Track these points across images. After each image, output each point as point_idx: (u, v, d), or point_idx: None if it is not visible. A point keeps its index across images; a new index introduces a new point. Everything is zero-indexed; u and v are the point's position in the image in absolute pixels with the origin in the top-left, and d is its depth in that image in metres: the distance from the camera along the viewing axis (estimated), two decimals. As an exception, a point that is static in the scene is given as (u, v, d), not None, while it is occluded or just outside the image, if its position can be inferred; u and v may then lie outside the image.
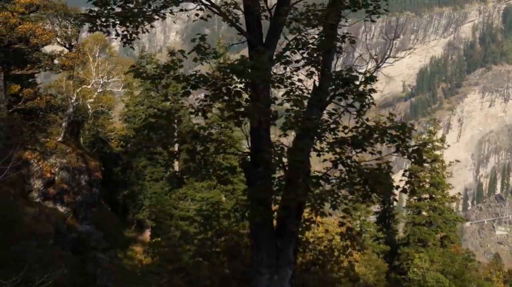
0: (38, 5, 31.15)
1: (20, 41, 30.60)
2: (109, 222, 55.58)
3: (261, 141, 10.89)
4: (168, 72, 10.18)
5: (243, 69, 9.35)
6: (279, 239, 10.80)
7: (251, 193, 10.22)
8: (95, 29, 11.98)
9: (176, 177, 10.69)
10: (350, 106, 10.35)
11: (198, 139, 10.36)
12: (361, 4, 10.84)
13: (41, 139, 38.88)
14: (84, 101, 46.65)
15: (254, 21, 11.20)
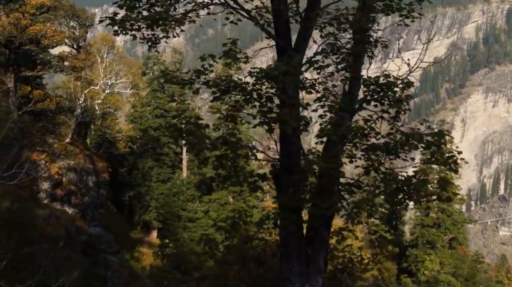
0: (49, 6, 31.02)
1: (30, 43, 30.48)
2: (116, 223, 55.54)
3: (291, 148, 10.70)
4: (199, 77, 9.99)
5: (278, 75, 9.16)
6: (310, 247, 10.60)
7: (284, 201, 10.01)
8: (120, 33, 11.79)
9: (205, 184, 10.50)
10: (385, 112, 10.13)
11: (228, 145, 10.17)
12: (395, 8, 10.66)
13: (49, 140, 38.77)
14: (92, 102, 46.49)
15: (283, 25, 11.02)
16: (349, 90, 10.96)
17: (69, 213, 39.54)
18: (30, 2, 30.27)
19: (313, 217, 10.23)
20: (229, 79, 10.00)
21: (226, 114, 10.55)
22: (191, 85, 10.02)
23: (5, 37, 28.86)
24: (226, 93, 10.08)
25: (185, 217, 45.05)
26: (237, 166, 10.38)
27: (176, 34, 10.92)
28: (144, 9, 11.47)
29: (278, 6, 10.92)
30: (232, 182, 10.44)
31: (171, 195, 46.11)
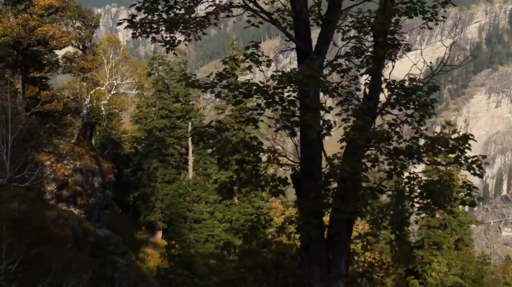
0: (57, 7, 30.97)
1: (38, 44, 30.43)
2: (121, 224, 55.48)
3: (312, 152, 10.60)
4: (221, 80, 9.90)
5: (302, 78, 9.06)
6: (331, 252, 10.51)
7: (306, 205, 9.91)
8: (138, 35, 11.72)
9: (226, 188, 10.41)
10: (409, 117, 10.03)
11: (250, 149, 10.08)
12: (418, 11, 10.56)
13: (55, 141, 38.73)
14: (98, 103, 46.43)
15: (304, 28, 10.93)
16: (370, 94, 10.86)
17: (75, 214, 39.52)
18: (38, 3, 30.22)
19: (336, 221, 10.13)
20: (250, 83, 9.90)
21: (247, 118, 10.45)
22: (213, 89, 9.93)
23: (14, 38, 28.80)
24: (248, 96, 9.98)
25: (191, 218, 44.94)
26: (258, 170, 10.29)
27: (198, 37, 10.85)
28: (162, 11, 11.39)
29: (299, 9, 10.83)
30: (253, 186, 10.35)
31: (177, 196, 46.02)
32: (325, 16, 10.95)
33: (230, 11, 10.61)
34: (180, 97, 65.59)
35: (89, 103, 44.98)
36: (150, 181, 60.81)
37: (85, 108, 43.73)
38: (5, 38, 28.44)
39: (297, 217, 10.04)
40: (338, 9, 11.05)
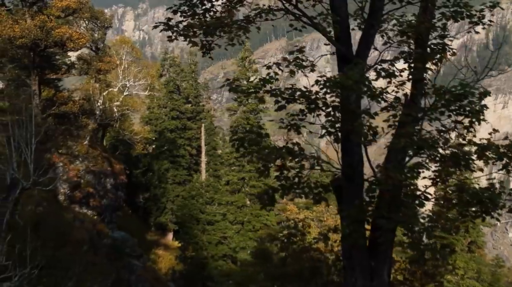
0: (74, 9, 30.88)
1: (55, 45, 30.35)
2: (131, 225, 55.38)
3: (354, 158, 10.41)
4: (264, 85, 9.72)
5: (352, 83, 8.87)
6: (373, 260, 10.31)
7: (353, 214, 9.71)
8: (174, 39, 11.56)
9: (267, 195, 10.23)
10: (458, 123, 9.82)
11: (293, 155, 9.90)
12: (465, 14, 10.36)
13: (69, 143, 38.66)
14: (111, 104, 46.36)
15: (344, 32, 10.75)
16: (412, 99, 10.65)
17: (90, 216, 39.47)
18: (55, 4, 30.15)
19: (380, 229, 9.92)
20: (294, 88, 9.72)
21: (289, 124, 10.26)
22: (256, 94, 9.75)
23: (31, 40, 28.71)
24: (291, 102, 9.81)
25: (204, 220, 44.81)
26: (301, 177, 10.10)
27: (241, 41, 10.67)
28: (198, 14, 11.24)
29: (340, 13, 10.65)
30: (297, 193, 10.16)
31: (189, 198, 45.88)
32: (367, 20, 10.76)
33: (274, 15, 10.44)
34: (190, 98, 65.58)
35: (101, 105, 44.93)
36: (161, 182, 60.73)
37: (98, 110, 43.67)
38: (23, 39, 28.35)
39: (343, 225, 9.83)
40: (380, 13, 10.87)
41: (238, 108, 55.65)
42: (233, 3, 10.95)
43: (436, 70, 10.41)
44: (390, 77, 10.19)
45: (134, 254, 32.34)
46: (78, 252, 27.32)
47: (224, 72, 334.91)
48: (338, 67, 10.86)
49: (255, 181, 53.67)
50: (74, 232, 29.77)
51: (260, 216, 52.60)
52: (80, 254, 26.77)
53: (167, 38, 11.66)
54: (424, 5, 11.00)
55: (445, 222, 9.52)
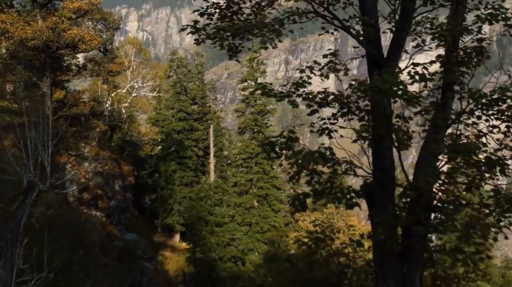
0: (86, 10, 30.78)
1: (67, 47, 30.24)
2: (138, 227, 55.34)
3: (385, 163, 10.27)
4: (297, 89, 9.59)
5: (389, 88, 8.73)
6: (405, 266, 10.17)
7: (388, 219, 9.56)
8: (201, 41, 11.44)
9: (298, 200, 10.08)
10: (495, 127, 9.68)
11: (326, 160, 9.75)
12: (500, 17, 10.21)
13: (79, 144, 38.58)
14: (119, 105, 46.32)
15: (375, 35, 10.60)
16: (443, 103, 10.51)
17: (100, 218, 39.39)
18: (67, 6, 30.04)
19: (414, 235, 9.78)
20: (327, 92, 9.58)
21: (320, 128, 10.12)
22: (289, 98, 9.61)
23: (43, 42, 28.61)
24: (323, 106, 9.67)
25: (212, 222, 44.68)
26: (334, 182, 9.95)
27: (274, 45, 10.53)
28: (226, 17, 11.12)
29: (370, 16, 10.52)
30: (329, 198, 10.01)
31: (198, 199, 45.75)
32: (398, 22, 10.62)
33: (308, 18, 10.30)
34: (196, 99, 65.46)
35: (110, 106, 44.90)
36: (168, 184, 60.66)
37: (106, 111, 43.64)
38: (35, 41, 28.26)
39: (376, 231, 9.65)
40: (412, 16, 10.74)
41: (245, 109, 55.46)
42: (261, 6, 10.81)
43: (471, 74, 10.26)
44: (425, 81, 10.04)
45: (146, 256, 32.20)
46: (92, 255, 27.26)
47: (228, 73, 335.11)
48: (368, 71, 10.73)
49: (263, 183, 53.50)
50: (87, 234, 29.69)
51: (268, 217, 52.40)
52: (95, 257, 26.71)
53: (194, 41, 11.53)
54: (454, 7, 10.87)
55: (482, 228, 9.37)
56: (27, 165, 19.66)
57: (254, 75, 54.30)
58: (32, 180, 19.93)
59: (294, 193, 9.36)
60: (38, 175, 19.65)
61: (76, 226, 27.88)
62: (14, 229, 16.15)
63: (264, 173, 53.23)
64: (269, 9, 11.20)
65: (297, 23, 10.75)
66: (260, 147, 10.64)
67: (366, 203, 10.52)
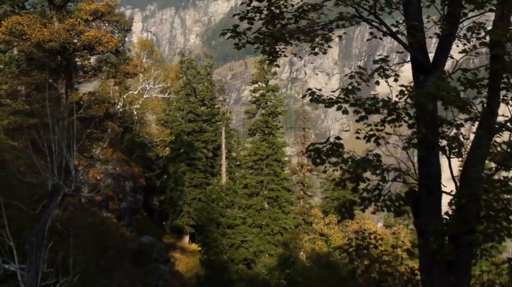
0: (102, 12, 30.68)
1: (83, 49, 30.15)
2: (148, 228, 55.31)
3: (432, 169, 10.11)
4: (347, 95, 9.44)
5: (446, 94, 8.58)
6: (453, 275, 10.00)
7: (440, 227, 9.41)
8: (242, 46, 11.31)
9: (345, 207, 9.93)
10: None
11: (374, 167, 9.58)
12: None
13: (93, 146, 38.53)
14: (131, 107, 46.20)
15: (417, 41, 10.44)
16: (489, 108, 10.34)
17: (111, 220, 39.32)
18: (84, 7, 29.95)
19: (469, 244, 9.62)
20: (375, 98, 9.43)
21: (367, 135, 9.96)
22: (340, 105, 9.46)
23: (60, 44, 28.52)
24: (372, 112, 9.52)
25: (224, 223, 44.59)
26: (381, 189, 9.80)
27: (324, 51, 10.39)
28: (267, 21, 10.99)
29: (415, 21, 10.37)
30: (376, 206, 9.85)
31: (209, 201, 45.68)
32: (445, 28, 10.46)
33: (358, 23, 10.16)
34: (205, 100, 65.38)
35: (121, 108, 44.81)
36: (178, 185, 60.54)
37: (118, 113, 43.54)
38: (52, 43, 28.16)
39: (428, 241, 9.47)
40: (458, 20, 10.58)
41: (256, 111, 55.34)
42: (304, 10, 10.66)
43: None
44: (476, 87, 9.87)
45: (161, 259, 32.03)
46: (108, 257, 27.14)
47: (232, 74, 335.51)
48: (413, 76, 10.56)
49: (274, 184, 53.41)
50: (104, 237, 29.58)
51: (278, 219, 52.29)
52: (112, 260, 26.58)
53: (234, 45, 11.40)
54: (500, 12, 10.70)
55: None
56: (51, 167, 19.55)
57: (265, 76, 54.19)
58: (57, 183, 19.82)
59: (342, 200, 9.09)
60: (62, 178, 19.55)
61: (93, 229, 27.76)
62: (39, 232, 16.01)
63: (275, 175, 53.17)
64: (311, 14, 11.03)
65: (341, 28, 10.59)
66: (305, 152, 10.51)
67: (411, 210, 10.35)
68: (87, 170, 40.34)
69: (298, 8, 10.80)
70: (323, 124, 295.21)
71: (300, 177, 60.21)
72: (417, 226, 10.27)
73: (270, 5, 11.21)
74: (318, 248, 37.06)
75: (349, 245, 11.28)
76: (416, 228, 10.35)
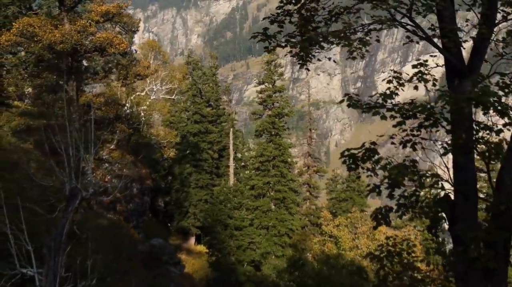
0: (114, 14, 30.53)
1: (95, 51, 30.02)
2: (153, 230, 55.21)
3: (468, 175, 9.97)
4: (386, 101, 9.31)
5: (488, 99, 8.45)
6: (489, 282, 9.86)
7: (481, 234, 9.26)
8: (272, 49, 11.18)
9: (381, 214, 9.78)
10: None
11: (412, 173, 9.42)
12: None
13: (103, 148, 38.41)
14: (138, 108, 46.08)
15: (456, 45, 10.32)
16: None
17: (121, 221, 39.17)
18: (96, 9, 29.82)
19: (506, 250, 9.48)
20: (414, 103, 9.30)
21: (403, 140, 9.82)
22: (378, 110, 9.32)
23: (71, 45, 28.38)
24: (409, 117, 9.39)
25: (232, 225, 44.44)
26: (419, 195, 9.66)
27: (361, 55, 10.25)
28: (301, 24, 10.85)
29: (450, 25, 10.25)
30: (413, 213, 9.71)
31: (217, 203, 45.51)
32: (483, 31, 10.32)
33: (396, 27, 10.01)
34: (211, 101, 65.23)
35: (129, 109, 44.68)
36: (184, 186, 60.37)
37: (125, 114, 43.40)
38: (63, 45, 28.03)
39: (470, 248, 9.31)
40: (493, 23, 10.46)
41: (263, 112, 55.19)
42: (337, 13, 10.53)
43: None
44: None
45: (172, 261, 31.94)
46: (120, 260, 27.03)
47: (233, 74, 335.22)
48: (447, 80, 10.43)
49: (280, 185, 53.25)
50: (116, 239, 29.47)
51: (285, 220, 52.14)
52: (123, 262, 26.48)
53: (264, 48, 11.26)
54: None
55: None
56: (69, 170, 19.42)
57: (271, 77, 54.02)
58: (75, 187, 19.68)
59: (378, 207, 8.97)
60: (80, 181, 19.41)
61: (105, 231, 27.69)
62: (57, 236, 15.88)
63: (282, 176, 53.01)
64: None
65: (375, 31, 10.45)
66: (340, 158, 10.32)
67: (446, 217, 10.20)
68: (95, 171, 40.21)
69: (330, 11, 10.67)
70: (325, 125, 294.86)
71: (306, 178, 60.09)
72: (452, 233, 10.12)
73: (300, 8, 11.08)
74: (328, 250, 36.94)
75: (380, 251, 11.12)
76: (451, 235, 10.20)
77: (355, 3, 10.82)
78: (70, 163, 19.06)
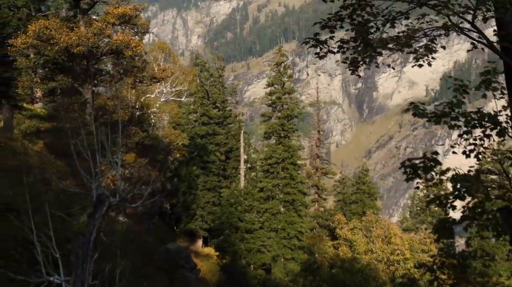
0: (130, 16, 30.22)
1: (111, 53, 29.69)
2: (161, 232, 54.93)
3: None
4: (452, 110, 9.00)
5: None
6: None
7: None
8: (323, 55, 10.89)
9: (443, 227, 9.49)
10: None
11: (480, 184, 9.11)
12: None
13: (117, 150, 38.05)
14: (148, 110, 45.73)
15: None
16: None
17: (135, 225, 38.85)
18: (112, 11, 29.49)
19: None
20: (481, 112, 9.00)
21: (466, 149, 9.52)
22: (446, 119, 9.00)
23: (87, 48, 28.07)
24: (476, 127, 9.09)
25: (242, 228, 44.18)
26: (484, 206, 9.34)
27: (428, 62, 9.94)
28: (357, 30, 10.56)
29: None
30: (480, 225, 9.42)
31: (228, 205, 45.25)
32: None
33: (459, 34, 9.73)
34: (217, 103, 64.91)
35: (139, 111, 44.33)
36: (191, 188, 60.04)
37: (136, 116, 43.08)
38: (80, 48, 27.71)
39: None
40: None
41: (272, 114, 54.90)
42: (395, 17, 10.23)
43: None
44: None
45: (188, 266, 31.62)
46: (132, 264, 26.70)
47: (234, 75, 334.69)
48: (507, 87, 10.15)
49: (290, 188, 52.99)
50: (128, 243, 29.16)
51: (294, 223, 51.87)
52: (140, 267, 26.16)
53: (315, 54, 10.97)
54: None
55: None
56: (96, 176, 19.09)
57: (281, 79, 53.77)
58: (102, 193, 19.33)
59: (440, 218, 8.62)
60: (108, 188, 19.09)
61: (124, 236, 27.35)
62: (85, 244, 15.56)
63: (291, 178, 52.76)
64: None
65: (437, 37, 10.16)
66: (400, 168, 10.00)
67: (510, 229, 9.90)
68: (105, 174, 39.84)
69: (384, 15, 10.36)
70: (326, 125, 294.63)
71: (314, 180, 59.78)
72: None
73: (352, 13, 10.79)
74: (343, 254, 36.66)
75: (433, 262, 10.83)
76: None
77: (410, 7, 10.54)
78: (96, 168, 18.71)
